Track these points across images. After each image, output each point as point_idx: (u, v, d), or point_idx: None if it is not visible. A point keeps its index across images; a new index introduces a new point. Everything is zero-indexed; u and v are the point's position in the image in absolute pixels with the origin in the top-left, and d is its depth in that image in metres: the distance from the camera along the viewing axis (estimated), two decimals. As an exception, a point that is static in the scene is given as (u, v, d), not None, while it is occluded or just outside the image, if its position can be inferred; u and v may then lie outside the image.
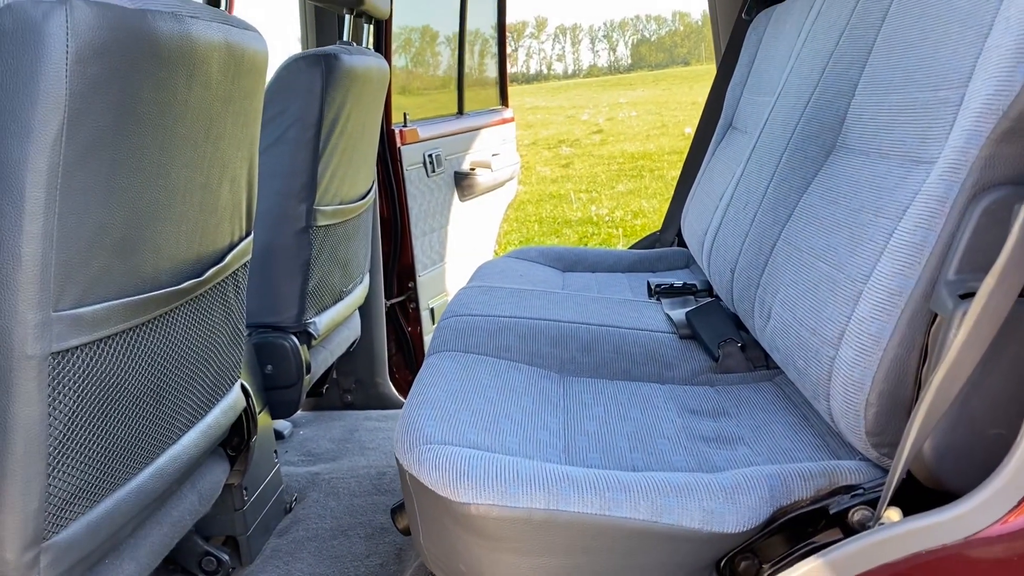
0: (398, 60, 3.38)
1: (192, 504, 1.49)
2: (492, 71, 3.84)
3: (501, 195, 3.61)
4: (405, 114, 2.96)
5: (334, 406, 2.86)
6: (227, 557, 1.79)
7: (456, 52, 3.49)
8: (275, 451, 2.06)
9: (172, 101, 1.13)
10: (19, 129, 0.94)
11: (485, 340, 1.62)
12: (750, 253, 1.60)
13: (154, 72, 1.07)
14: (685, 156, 2.85)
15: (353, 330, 2.55)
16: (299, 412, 2.84)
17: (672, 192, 2.89)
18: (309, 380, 2.15)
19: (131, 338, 1.17)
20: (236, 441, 1.70)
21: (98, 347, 1.09)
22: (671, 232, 2.79)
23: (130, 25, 1.01)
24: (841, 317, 1.14)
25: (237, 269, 1.55)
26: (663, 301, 1.96)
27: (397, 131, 2.86)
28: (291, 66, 1.96)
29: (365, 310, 2.72)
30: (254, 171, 1.54)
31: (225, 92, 1.29)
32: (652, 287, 2.07)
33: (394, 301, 2.93)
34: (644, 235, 3.01)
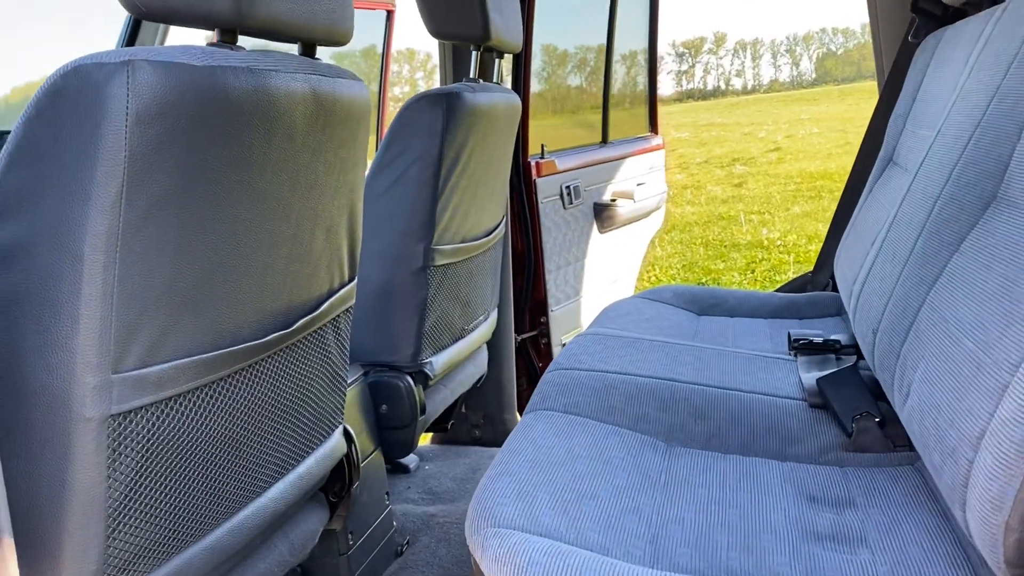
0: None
1: (281, 555, 1.47)
2: (642, 95, 3.71)
3: (645, 226, 3.47)
4: (543, 146, 2.90)
5: (463, 440, 2.82)
6: (329, 602, 1.77)
7: (602, 78, 3.40)
8: (387, 492, 2.03)
9: (249, 156, 1.11)
10: (79, 191, 0.93)
11: (588, 400, 1.51)
12: (894, 314, 1.40)
13: (225, 129, 1.05)
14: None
15: (478, 367, 2.50)
16: (428, 445, 2.83)
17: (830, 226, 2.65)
18: (424, 421, 2.11)
19: (206, 395, 1.15)
20: (338, 487, 1.68)
21: (166, 406, 1.08)
22: (824, 273, 2.56)
23: (197, 83, 0.99)
24: (983, 412, 0.95)
25: (339, 315, 1.52)
26: (800, 359, 1.77)
27: (533, 163, 2.80)
28: (412, 106, 1.94)
29: (494, 345, 2.67)
30: (356, 217, 1.51)
31: (315, 142, 1.26)
32: (791, 340, 1.88)
33: (525, 336, 2.87)
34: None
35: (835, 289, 2.48)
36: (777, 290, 2.64)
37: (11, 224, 0.95)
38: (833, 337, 1.86)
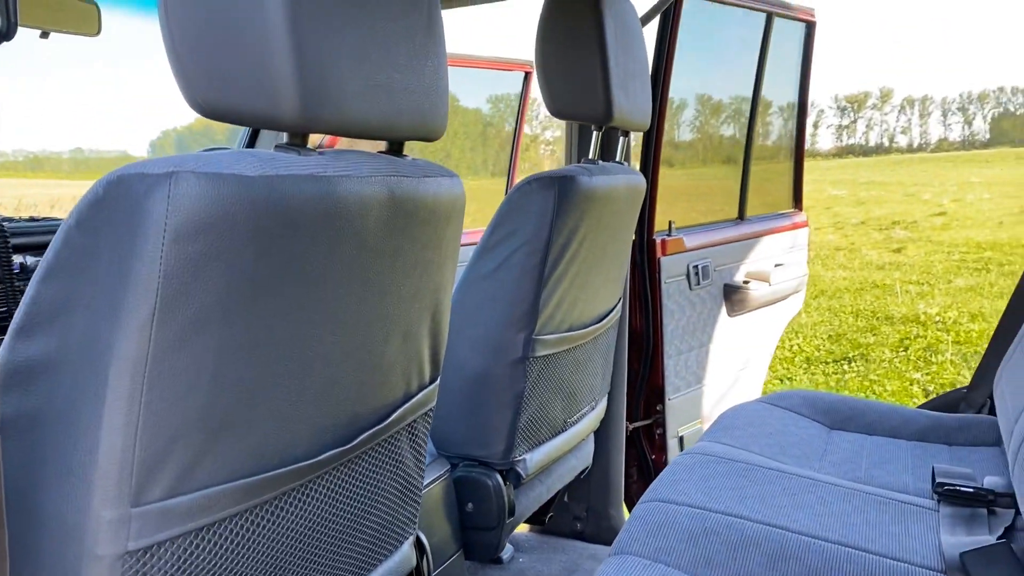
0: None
1: None
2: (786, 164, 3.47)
3: (780, 311, 3.22)
4: (671, 222, 2.73)
5: (563, 533, 2.65)
6: None
7: (743, 149, 3.19)
8: (466, 597, 1.89)
9: (309, 270, 1.01)
10: (109, 310, 0.86)
11: (683, 545, 1.32)
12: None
13: (281, 243, 0.95)
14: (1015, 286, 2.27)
15: (581, 460, 2.33)
16: (526, 533, 2.67)
17: (992, 333, 2.33)
18: (513, 522, 1.96)
19: (246, 521, 1.05)
20: None
21: (196, 536, 0.98)
22: (982, 392, 2.24)
23: (250, 196, 0.90)
24: None
25: (415, 419, 1.41)
26: (943, 509, 1.51)
27: (659, 241, 2.63)
28: (523, 188, 1.82)
29: (602, 434, 2.49)
30: (440, 317, 1.40)
31: (391, 247, 1.16)
32: (935, 480, 1.61)
33: (638, 425, 2.67)
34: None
35: (993, 412, 2.16)
36: (924, 405, 2.33)
37: (41, 339, 0.89)
38: (987, 482, 1.59)
